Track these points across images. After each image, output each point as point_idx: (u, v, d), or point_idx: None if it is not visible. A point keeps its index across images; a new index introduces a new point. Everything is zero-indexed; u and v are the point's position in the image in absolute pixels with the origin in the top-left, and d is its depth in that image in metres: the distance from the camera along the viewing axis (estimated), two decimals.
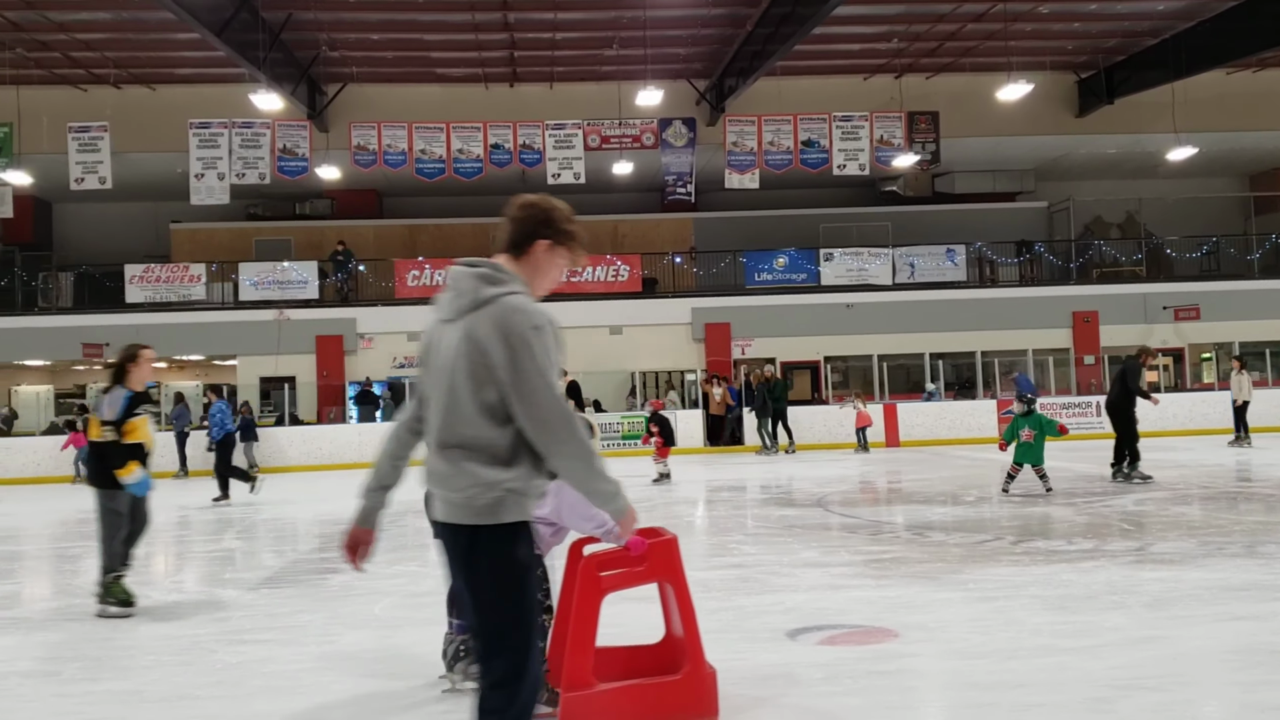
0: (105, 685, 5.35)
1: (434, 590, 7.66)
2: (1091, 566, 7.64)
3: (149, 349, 7.45)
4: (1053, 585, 7.00)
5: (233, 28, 18.28)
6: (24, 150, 22.50)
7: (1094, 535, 9.23)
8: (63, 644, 6.28)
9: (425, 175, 23.69)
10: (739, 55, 22.68)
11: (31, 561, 10.44)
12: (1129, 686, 4.73)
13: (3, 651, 6.16)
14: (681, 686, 4.36)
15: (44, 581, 9.17)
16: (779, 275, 26.33)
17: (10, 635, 6.62)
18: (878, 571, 7.79)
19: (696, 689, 4.37)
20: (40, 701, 5.13)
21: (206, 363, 27.73)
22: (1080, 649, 5.37)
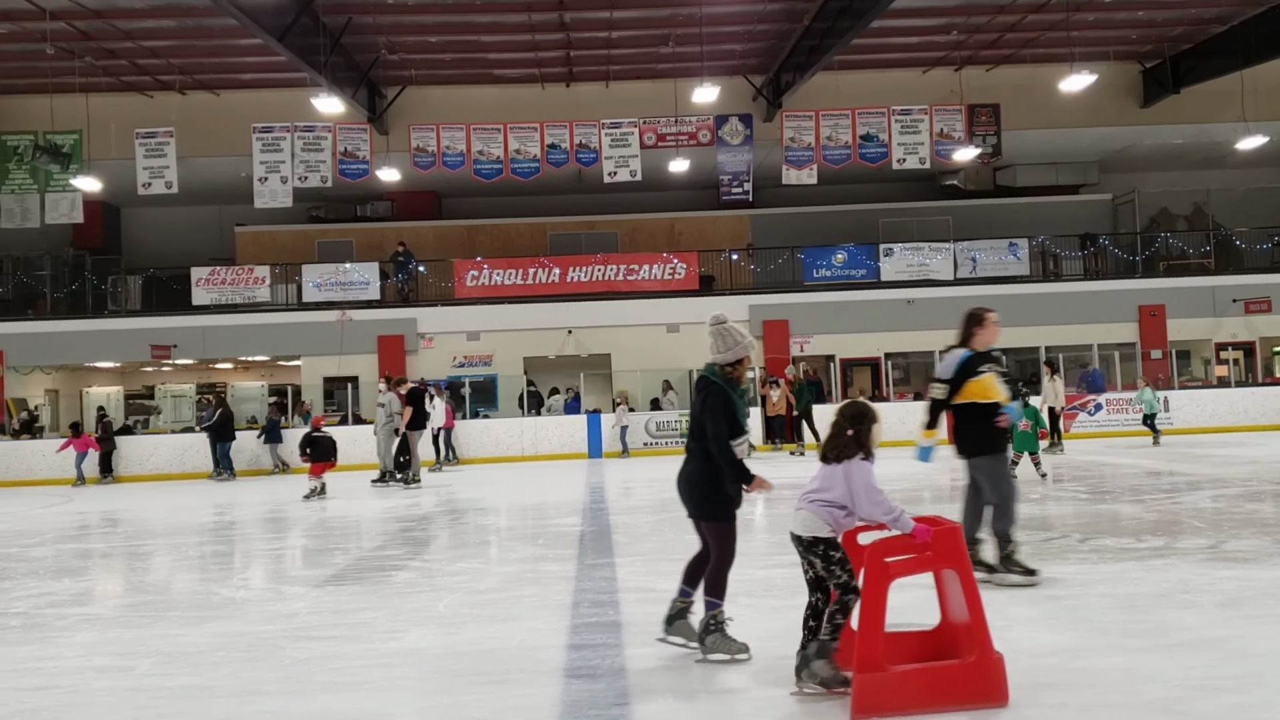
0: (177, 681, 5.45)
1: (496, 588, 7.73)
2: (1162, 565, 7.49)
3: (994, 312, 7.43)
4: (1122, 583, 6.87)
5: (294, 33, 18.55)
6: (93, 156, 23.05)
7: (1164, 532, 9.03)
8: (135, 640, 6.41)
9: (483, 176, 23.86)
10: (795, 50, 22.54)
11: (101, 559, 10.69)
12: (1204, 687, 4.62)
13: (79, 647, 6.31)
14: (972, 671, 4.45)
15: (115, 579, 9.38)
16: (838, 271, 26.11)
17: (86, 632, 6.77)
18: None
19: (987, 674, 4.45)
20: (115, 696, 5.24)
21: (272, 363, 28.19)
22: (1152, 648, 5.26)
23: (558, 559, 8.88)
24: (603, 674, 5.21)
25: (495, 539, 10.99)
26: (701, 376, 5.55)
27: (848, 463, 4.69)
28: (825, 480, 4.76)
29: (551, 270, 25.53)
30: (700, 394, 5.46)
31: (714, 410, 5.32)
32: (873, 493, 4.59)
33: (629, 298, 25.39)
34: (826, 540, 4.71)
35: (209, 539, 12.02)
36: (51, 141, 22.04)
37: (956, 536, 4.53)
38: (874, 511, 4.61)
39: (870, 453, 4.74)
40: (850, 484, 4.63)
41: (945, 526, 4.52)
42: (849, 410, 4.81)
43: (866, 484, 4.63)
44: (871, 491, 4.59)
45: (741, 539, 10.05)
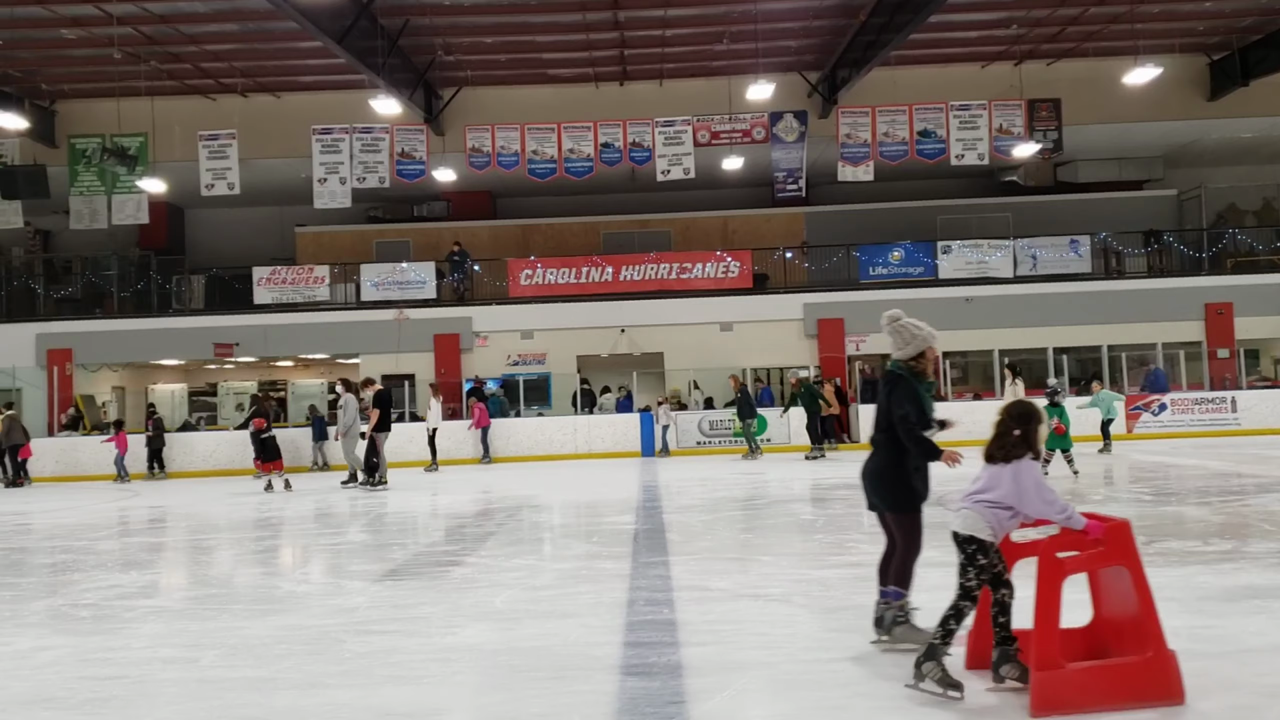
0: (241, 672, 5.55)
1: (552, 585, 7.77)
2: (1231, 569, 7.33)
3: None
4: (1189, 588, 6.73)
5: (353, 35, 18.76)
6: (158, 159, 23.53)
7: (1232, 536, 8.84)
8: (201, 632, 6.54)
9: (537, 175, 23.97)
10: (852, 46, 22.36)
11: (166, 553, 10.90)
12: (1277, 694, 4.52)
13: (147, 638, 6.44)
14: (1149, 668, 4.44)
15: (180, 572, 9.57)
16: (894, 269, 25.85)
17: (153, 623, 6.91)
18: None
19: (1163, 671, 4.44)
20: (182, 687, 5.35)
21: (331, 361, 28.56)
22: (1222, 654, 5.15)
23: (612, 557, 8.90)
24: (659, 672, 5.21)
25: (550, 536, 11.05)
26: (887, 371, 5.70)
27: (1016, 463, 4.69)
28: (990, 480, 4.76)
29: (605, 269, 25.59)
30: (886, 387, 5.60)
31: (902, 398, 5.45)
32: (1044, 491, 4.62)
33: (682, 296, 25.37)
34: (980, 543, 4.70)
35: (269, 533, 12.22)
36: (118, 144, 22.51)
37: (1126, 532, 4.53)
38: (1047, 510, 4.62)
39: (1038, 452, 4.77)
40: (1020, 483, 4.64)
41: (1114, 522, 4.54)
42: (1015, 410, 4.82)
43: (1037, 483, 4.64)
44: (1043, 490, 4.62)
45: (799, 539, 10.04)
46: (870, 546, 9.19)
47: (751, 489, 14.75)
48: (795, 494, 14.22)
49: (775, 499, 13.63)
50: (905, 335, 5.66)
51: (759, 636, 5.89)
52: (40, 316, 25.89)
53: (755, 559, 8.58)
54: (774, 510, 12.45)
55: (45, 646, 6.29)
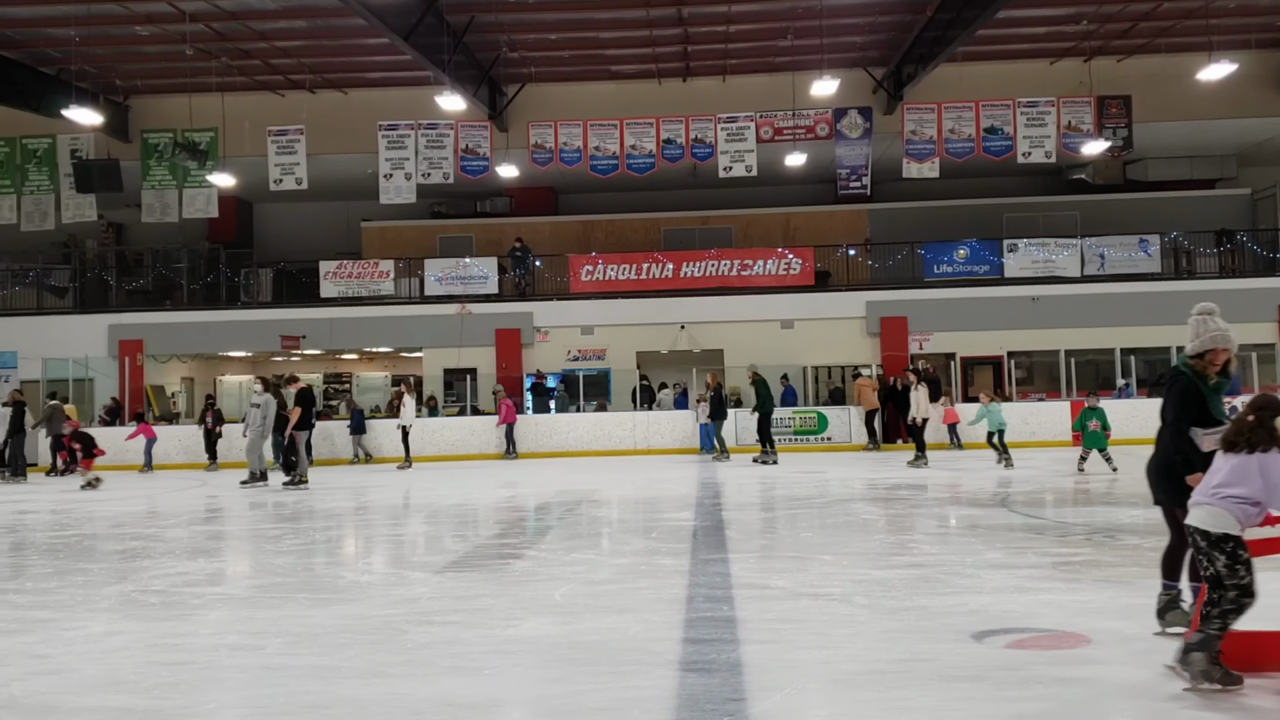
0: (305, 660, 5.63)
1: (610, 579, 7.78)
2: None
3: None
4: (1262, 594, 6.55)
5: (419, 32, 18.95)
6: (228, 153, 23.98)
7: None
8: (266, 620, 6.65)
9: (599, 172, 24.03)
10: (918, 42, 22.11)
11: (234, 541, 11.11)
12: None
13: (213, 625, 6.57)
14: None
15: (245, 560, 9.74)
16: (959, 267, 25.53)
17: (219, 610, 7.05)
18: (1067, 574, 7.47)
19: None
20: (248, 673, 5.44)
21: (394, 355, 28.91)
22: None
23: (671, 553, 8.89)
24: (718, 669, 5.20)
25: (608, 531, 11.07)
26: (1173, 367, 5.63)
27: (1262, 455, 4.63)
28: (1235, 474, 4.70)
29: (665, 265, 25.58)
30: (1167, 384, 5.54)
31: (1173, 399, 5.40)
32: None
33: (742, 293, 25.29)
34: (1236, 539, 4.65)
35: (332, 524, 12.40)
36: (190, 139, 22.97)
37: None
38: None
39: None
40: (1267, 478, 4.59)
41: None
42: (1259, 402, 4.77)
43: None
44: None
45: (860, 538, 9.95)
46: (932, 547, 9.10)
47: (812, 488, 14.66)
48: (856, 493, 14.11)
49: (836, 498, 13.53)
50: (1197, 329, 5.52)
51: (819, 635, 5.85)
52: (112, 308, 26.53)
53: (815, 558, 8.52)
54: (834, 509, 12.37)
55: (116, 631, 6.44)
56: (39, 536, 11.63)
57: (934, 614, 6.28)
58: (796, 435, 22.50)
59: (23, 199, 24.81)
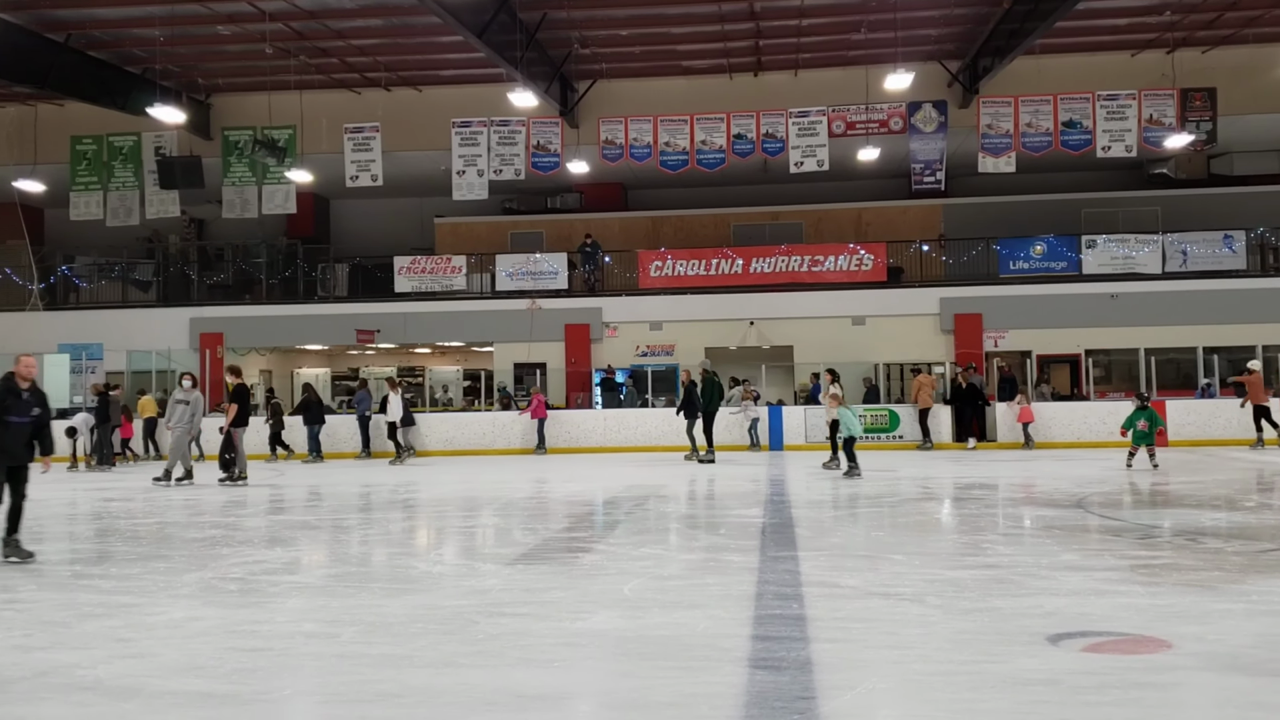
0: (379, 649, 5.71)
1: (679, 575, 7.78)
2: None
3: None
4: None
5: (492, 29, 19.11)
6: (305, 151, 24.43)
7: None
8: (341, 609, 6.76)
9: (669, 167, 24.02)
10: (995, 34, 21.74)
11: (309, 530, 11.31)
12: None
13: (290, 613, 6.69)
14: None
15: (321, 550, 9.91)
16: (1036, 264, 25.05)
17: (296, 598, 7.19)
18: (1147, 578, 7.29)
19: None
20: (323, 661, 5.54)
21: (466, 349, 29.23)
22: None
23: (739, 550, 8.86)
24: (788, 667, 5.17)
25: (676, 527, 11.07)
26: None
27: None
28: None
29: (735, 261, 25.50)
30: None
31: None
32: None
33: (813, 289, 25.12)
34: None
35: (404, 515, 12.57)
36: (269, 136, 23.43)
37: None
38: None
39: None
40: None
41: None
42: None
43: None
44: None
45: (933, 538, 9.83)
46: (1007, 548, 8.95)
47: (884, 486, 14.51)
48: (929, 492, 13.93)
49: (908, 497, 13.38)
50: None
51: (890, 635, 5.79)
52: (194, 301, 27.21)
53: (886, 557, 8.43)
54: (907, 508, 12.22)
55: (196, 617, 6.60)
56: (123, 524, 11.97)
57: (1008, 615, 6.18)
58: (868, 433, 22.26)
59: (109, 195, 25.53)
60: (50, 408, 9.36)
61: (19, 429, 8.85)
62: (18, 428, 8.83)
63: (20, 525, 8.97)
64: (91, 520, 12.37)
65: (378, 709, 4.65)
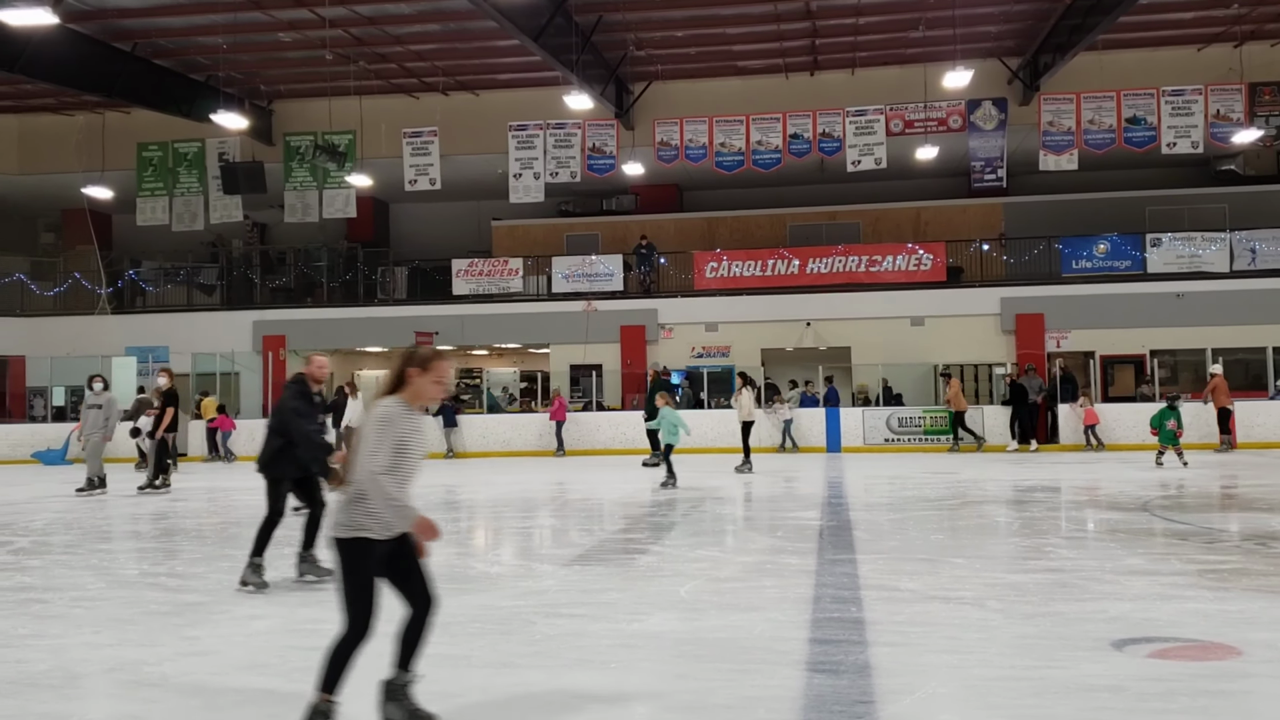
0: (438, 649, 5.73)
1: (736, 577, 7.76)
2: None
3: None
4: None
5: (548, 33, 19.20)
6: (365, 155, 24.73)
7: None
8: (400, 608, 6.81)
9: (724, 168, 23.97)
10: (1056, 30, 21.39)
11: None
12: None
13: None
14: None
15: None
16: (1099, 263, 24.60)
17: None
18: (1215, 583, 7.13)
19: None
20: (383, 660, 5.59)
21: (523, 350, 29.38)
22: None
23: (797, 552, 8.81)
24: (846, 670, 5.12)
25: (733, 529, 11.04)
26: None
27: None
28: None
29: (791, 261, 25.36)
30: None
31: None
32: None
33: (871, 289, 24.89)
34: None
35: (461, 515, 12.67)
36: (329, 142, 23.79)
37: None
38: None
39: None
40: None
41: None
42: None
43: None
44: None
45: (994, 541, 9.70)
46: (1070, 552, 8.80)
47: (944, 489, 14.35)
48: (990, 495, 13.75)
49: (969, 499, 13.21)
50: None
51: (950, 640, 5.72)
52: (257, 304, 27.67)
53: (946, 560, 8.34)
54: (967, 511, 12.08)
55: (259, 616, 6.71)
56: (188, 523, 12.20)
57: (1071, 620, 6.08)
58: (927, 435, 22.04)
59: (174, 201, 26.07)
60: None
61: None
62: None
63: (317, 540, 7.94)
64: (157, 519, 12.63)
65: (437, 708, 4.69)
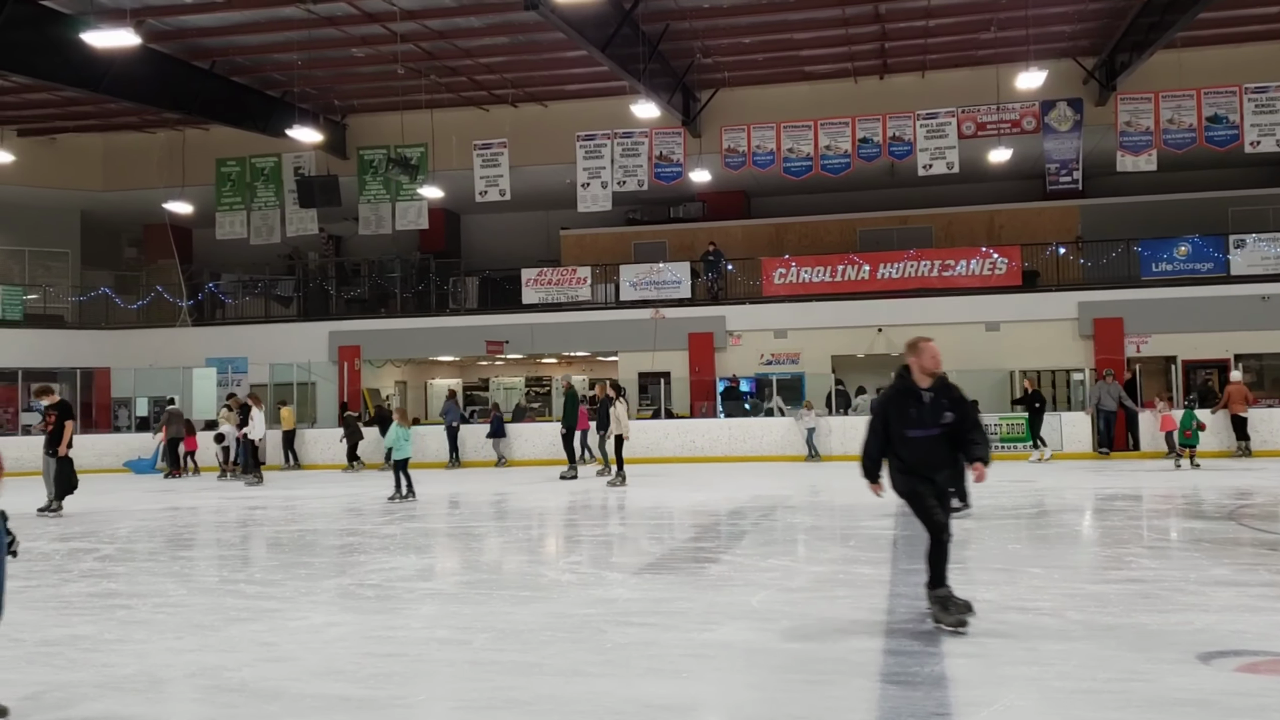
0: (510, 656, 5.80)
1: (807, 587, 7.69)
2: None
3: None
4: None
5: (615, 43, 19.27)
6: (437, 167, 25.06)
7: None
8: (473, 616, 6.88)
9: (793, 174, 23.83)
10: (1133, 28, 20.92)
11: (442, 539, 11.56)
12: None
13: (423, 619, 6.85)
14: None
15: (454, 557, 10.12)
16: (1180, 265, 23.96)
17: (429, 605, 7.35)
18: None
19: None
20: (455, 667, 5.65)
21: (591, 358, 29.49)
22: None
23: (870, 562, 8.71)
24: (921, 682, 5.05)
25: (804, 538, 10.95)
26: None
27: None
28: None
29: (861, 267, 25.10)
30: None
31: None
32: None
33: (944, 294, 24.51)
34: None
35: (531, 523, 12.75)
36: (402, 154, 24.11)
37: None
38: None
39: None
40: None
41: None
42: None
43: None
44: None
45: (1072, 551, 9.49)
46: (1151, 562, 8.58)
47: (1020, 497, 14.08)
48: (1069, 503, 13.46)
49: (1047, 508, 12.95)
50: None
51: (1028, 651, 5.60)
52: (332, 316, 28.16)
53: (1023, 570, 8.17)
54: (1045, 520, 11.84)
55: (334, 623, 6.81)
56: (266, 530, 12.44)
57: (1154, 632, 5.92)
58: (1004, 442, 21.64)
59: (252, 215, 26.68)
60: (970, 408, 6.43)
61: (922, 444, 6.28)
62: (919, 443, 6.28)
63: (946, 571, 6.38)
64: (237, 527, 12.89)
65: (509, 716, 4.72)
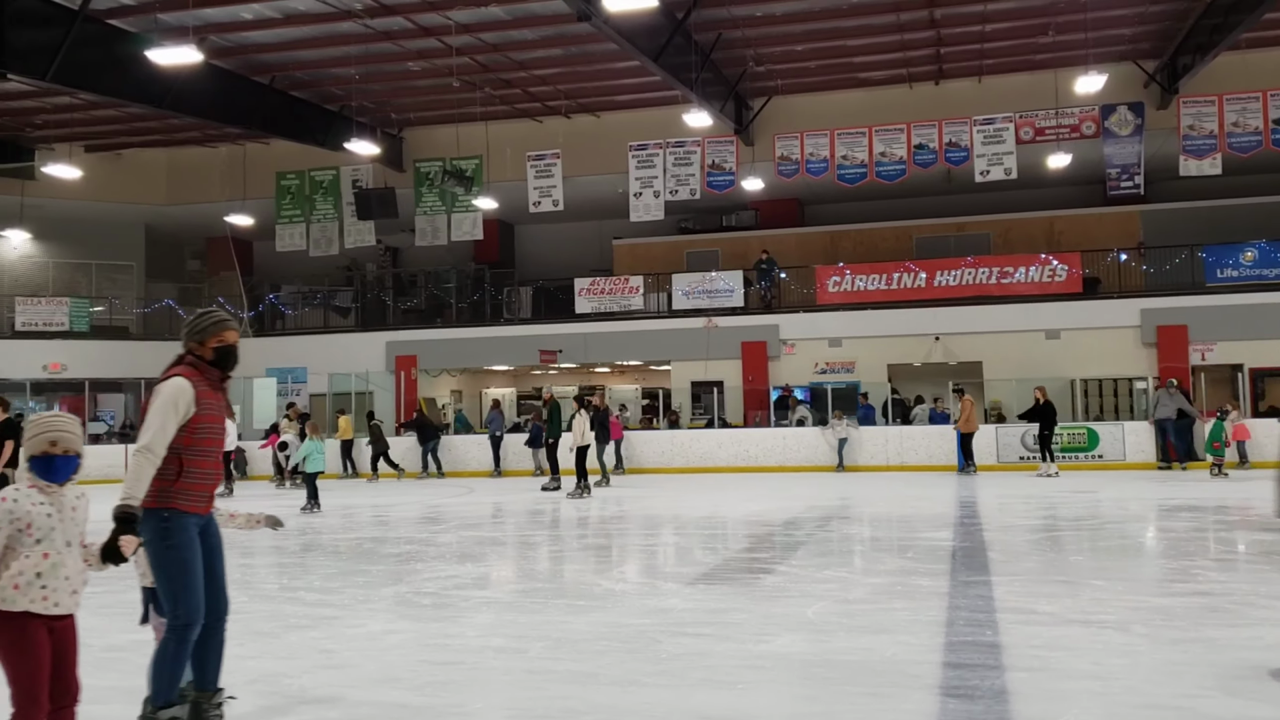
0: (565, 665, 5.80)
1: (865, 599, 7.60)
2: None
3: None
4: None
5: (668, 52, 19.29)
6: (491, 179, 25.27)
7: None
8: (528, 625, 6.90)
9: (846, 181, 23.68)
10: (1195, 30, 20.53)
11: (496, 547, 11.61)
12: None
13: (479, 628, 6.88)
14: None
15: (509, 565, 10.15)
16: (1247, 271, 23.42)
17: (485, 613, 7.38)
18: None
19: None
20: (511, 676, 5.66)
21: (644, 368, 29.52)
22: None
23: (929, 574, 8.60)
24: (981, 695, 4.96)
25: (861, 549, 10.84)
26: None
27: None
28: None
29: (917, 275, 24.85)
30: None
31: None
32: None
33: (1002, 302, 24.18)
34: None
35: (585, 532, 12.76)
36: (457, 166, 24.34)
37: None
38: None
39: None
40: None
41: None
42: None
43: None
44: None
45: (1137, 563, 9.29)
46: (1219, 574, 8.38)
47: (1082, 508, 13.84)
48: (1132, 514, 13.20)
49: (1110, 519, 12.71)
50: None
51: (1092, 665, 5.48)
52: (389, 326, 28.50)
53: (1086, 583, 8.02)
54: (1108, 531, 11.61)
55: (392, 630, 6.86)
56: (325, 539, 12.58)
57: (1223, 647, 5.77)
58: (1065, 452, 21.27)
59: (311, 227, 27.07)
60: None
61: None
62: None
63: None
64: (296, 535, 13.05)
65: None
